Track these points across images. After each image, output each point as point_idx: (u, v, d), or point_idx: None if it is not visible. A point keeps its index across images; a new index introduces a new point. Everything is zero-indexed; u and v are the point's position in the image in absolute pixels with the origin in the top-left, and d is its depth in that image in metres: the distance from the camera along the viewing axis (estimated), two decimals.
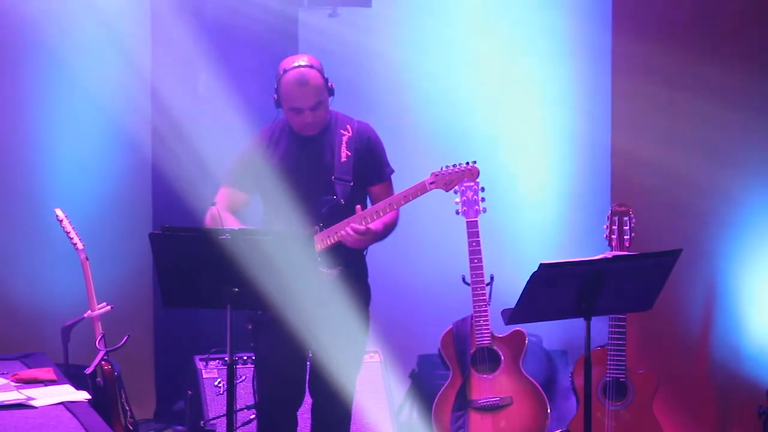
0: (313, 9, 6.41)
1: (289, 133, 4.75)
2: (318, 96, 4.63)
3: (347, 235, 4.59)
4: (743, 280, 5.84)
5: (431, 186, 4.65)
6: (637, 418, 5.44)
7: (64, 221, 5.34)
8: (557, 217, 6.50)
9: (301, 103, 4.63)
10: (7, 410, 4.46)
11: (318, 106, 4.64)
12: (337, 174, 4.69)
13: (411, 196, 4.64)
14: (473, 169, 4.68)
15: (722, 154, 5.88)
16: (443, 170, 4.66)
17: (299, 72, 4.63)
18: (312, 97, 4.62)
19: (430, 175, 4.66)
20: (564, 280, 4.31)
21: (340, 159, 4.70)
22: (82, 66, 6.38)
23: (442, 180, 4.65)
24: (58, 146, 6.39)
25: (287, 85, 4.63)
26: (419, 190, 4.63)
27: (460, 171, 4.66)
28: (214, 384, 5.72)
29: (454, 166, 4.67)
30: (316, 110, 4.64)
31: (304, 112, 4.64)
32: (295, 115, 4.67)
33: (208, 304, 4.43)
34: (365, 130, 4.79)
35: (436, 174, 4.66)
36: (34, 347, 5.73)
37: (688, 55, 5.96)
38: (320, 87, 4.64)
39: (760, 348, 5.80)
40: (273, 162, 4.73)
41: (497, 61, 6.50)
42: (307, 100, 4.62)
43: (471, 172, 4.68)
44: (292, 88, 4.62)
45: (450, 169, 4.66)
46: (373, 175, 4.77)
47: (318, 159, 4.71)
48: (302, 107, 4.63)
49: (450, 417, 5.53)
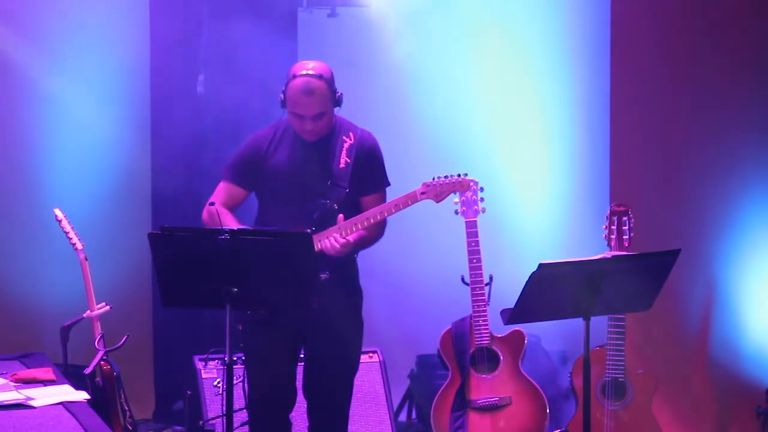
0: (313, 9, 6.41)
1: (292, 134, 4.75)
2: (321, 107, 4.63)
3: (329, 246, 4.59)
4: (743, 280, 5.84)
5: (422, 196, 4.66)
6: (636, 418, 5.44)
7: (63, 221, 5.34)
8: (556, 217, 6.50)
9: (303, 111, 4.63)
10: (6, 410, 4.46)
11: (320, 116, 4.64)
12: (334, 179, 4.69)
13: (402, 205, 4.65)
14: (464, 182, 4.69)
15: (722, 154, 5.88)
16: (435, 181, 4.67)
17: (306, 81, 4.61)
18: (314, 108, 4.62)
19: (422, 186, 4.67)
20: (563, 280, 4.32)
21: (339, 165, 4.70)
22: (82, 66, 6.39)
23: (433, 191, 4.66)
24: (58, 146, 6.39)
25: (293, 90, 4.63)
26: (410, 199, 4.65)
27: (451, 183, 4.67)
28: (213, 384, 5.72)
29: (446, 178, 4.68)
30: (317, 120, 4.64)
31: (306, 120, 4.64)
32: (296, 120, 4.67)
33: (208, 304, 4.43)
34: (367, 139, 4.79)
35: (427, 185, 4.67)
36: (33, 347, 5.73)
37: (687, 56, 5.97)
38: (325, 98, 4.63)
39: (760, 348, 5.80)
40: (273, 161, 4.73)
41: (497, 60, 6.50)
42: (309, 110, 4.62)
43: (462, 185, 4.69)
44: (296, 95, 4.62)
45: (441, 180, 4.67)
46: (368, 184, 4.76)
47: (317, 163, 4.71)
48: (304, 115, 4.64)
49: (449, 417, 5.53)
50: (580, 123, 6.50)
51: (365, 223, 4.64)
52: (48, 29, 6.36)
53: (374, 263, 4.89)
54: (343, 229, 4.62)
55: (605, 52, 6.24)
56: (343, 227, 4.62)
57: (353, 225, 4.63)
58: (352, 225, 4.63)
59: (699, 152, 5.94)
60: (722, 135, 5.88)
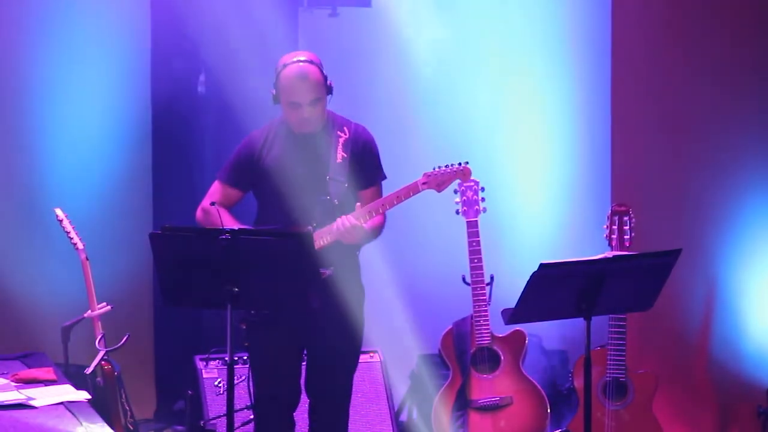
0: (313, 9, 6.41)
1: (286, 132, 4.74)
2: (317, 92, 4.63)
3: (341, 225, 4.57)
4: (743, 280, 5.84)
5: (423, 186, 4.65)
6: (636, 418, 5.45)
7: (64, 221, 5.34)
8: (557, 217, 6.50)
9: (300, 98, 4.62)
10: (7, 410, 4.46)
11: (316, 102, 4.63)
12: (332, 174, 4.69)
13: (403, 196, 4.65)
14: (465, 170, 4.68)
15: (722, 154, 5.88)
16: (435, 171, 4.67)
17: (299, 67, 4.62)
18: (311, 93, 4.61)
19: (423, 176, 4.66)
20: (564, 280, 4.31)
21: (336, 160, 4.70)
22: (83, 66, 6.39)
23: (434, 180, 4.66)
24: (58, 146, 6.39)
25: (286, 79, 4.63)
26: (411, 190, 4.64)
27: (452, 171, 4.67)
28: (214, 384, 5.72)
29: (447, 167, 4.67)
30: (314, 106, 4.64)
31: (302, 107, 4.63)
32: (292, 111, 4.66)
33: (208, 303, 4.43)
34: (362, 133, 4.79)
35: (428, 174, 4.66)
36: (34, 347, 5.73)
37: (687, 55, 5.96)
38: (319, 83, 4.63)
39: (760, 348, 5.80)
40: (268, 160, 4.73)
41: (496, 60, 6.50)
42: (305, 95, 4.62)
43: (463, 173, 4.69)
44: (291, 82, 4.61)
45: (442, 169, 4.67)
46: (364, 178, 4.76)
47: (314, 159, 4.71)
48: (300, 102, 4.63)
49: (450, 417, 5.54)
50: (581, 122, 6.50)
51: (374, 213, 4.63)
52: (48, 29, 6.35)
53: (375, 263, 4.90)
54: (362, 214, 4.61)
55: (606, 52, 6.24)
56: (362, 213, 4.61)
57: (369, 211, 4.62)
58: (366, 212, 4.62)
59: (700, 152, 5.93)
60: (723, 135, 5.87)
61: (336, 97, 4.75)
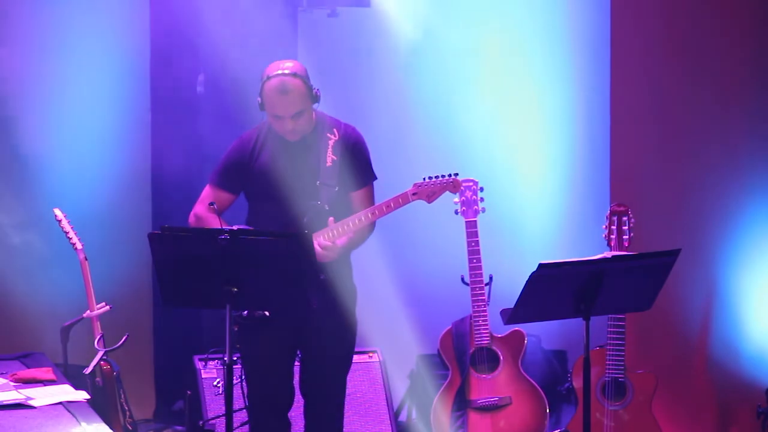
0: (312, 9, 6.40)
1: (276, 135, 4.73)
2: (299, 105, 4.61)
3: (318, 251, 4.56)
4: (742, 280, 5.84)
5: (413, 197, 4.66)
6: (636, 418, 5.45)
7: (63, 221, 5.34)
8: (556, 217, 6.50)
9: (282, 112, 4.61)
10: (6, 410, 4.46)
11: (299, 115, 4.62)
12: (323, 179, 4.68)
13: (394, 205, 4.65)
14: (455, 182, 4.69)
15: (722, 154, 5.88)
16: (425, 182, 4.67)
17: (280, 80, 4.60)
18: (292, 107, 4.60)
19: (413, 186, 4.67)
20: (563, 280, 4.32)
21: (326, 164, 4.69)
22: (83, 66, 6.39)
23: (425, 192, 4.66)
24: (58, 146, 6.39)
25: (268, 92, 4.62)
26: (401, 199, 4.65)
27: (442, 183, 4.67)
28: (213, 384, 5.72)
29: (437, 178, 4.67)
30: (296, 119, 4.62)
31: (285, 120, 4.63)
32: (276, 121, 4.66)
33: (208, 304, 4.43)
34: (351, 134, 4.78)
35: (418, 185, 4.67)
36: (33, 347, 5.73)
37: (687, 56, 5.96)
38: (302, 96, 4.61)
39: (759, 348, 5.80)
40: (258, 164, 4.72)
41: (496, 60, 6.50)
42: (287, 109, 4.60)
43: (453, 185, 4.69)
44: (272, 95, 4.60)
45: (432, 180, 4.67)
46: (355, 180, 4.74)
47: (303, 163, 4.70)
48: (283, 115, 4.62)
49: (449, 417, 5.54)
50: (580, 123, 6.50)
51: (356, 225, 4.63)
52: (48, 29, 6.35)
53: (374, 263, 4.90)
54: (333, 230, 4.61)
55: (605, 51, 6.24)
56: (333, 229, 4.62)
57: (343, 226, 4.62)
58: (341, 226, 4.62)
59: (699, 152, 5.93)
60: (723, 135, 5.87)
61: (335, 98, 4.74)
